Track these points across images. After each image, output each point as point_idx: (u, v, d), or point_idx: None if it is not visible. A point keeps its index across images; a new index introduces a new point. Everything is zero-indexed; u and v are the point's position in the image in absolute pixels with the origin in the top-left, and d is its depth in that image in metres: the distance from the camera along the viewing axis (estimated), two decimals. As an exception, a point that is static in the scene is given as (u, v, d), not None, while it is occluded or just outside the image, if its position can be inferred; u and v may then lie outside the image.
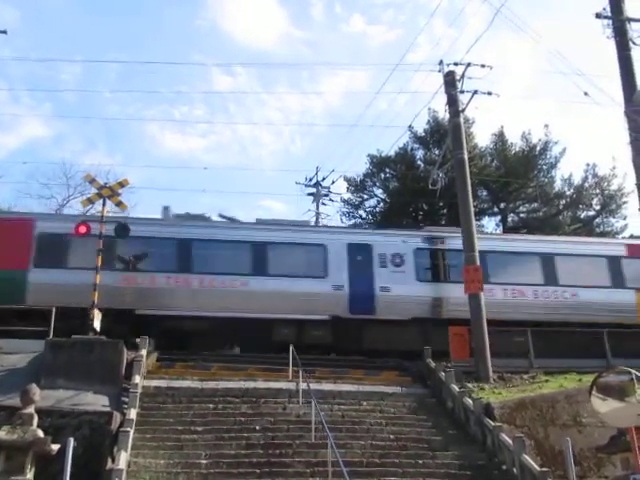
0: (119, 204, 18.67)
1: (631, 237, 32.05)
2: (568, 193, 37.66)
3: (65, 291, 18.76)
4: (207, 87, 73.49)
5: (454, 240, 21.37)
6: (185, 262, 20.64)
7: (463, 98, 20.77)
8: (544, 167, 37.71)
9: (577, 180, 37.44)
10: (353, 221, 39.04)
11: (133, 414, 13.53)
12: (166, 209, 23.63)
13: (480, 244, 19.93)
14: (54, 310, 17.32)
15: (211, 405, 15.33)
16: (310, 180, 39.62)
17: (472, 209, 20.22)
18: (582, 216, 38.24)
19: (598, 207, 37.71)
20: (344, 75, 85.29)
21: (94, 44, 68.60)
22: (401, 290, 20.78)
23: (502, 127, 38.11)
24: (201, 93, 71.41)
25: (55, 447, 10.59)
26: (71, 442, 10.33)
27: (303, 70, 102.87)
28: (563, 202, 37.81)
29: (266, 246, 21.18)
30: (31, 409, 10.88)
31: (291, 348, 17.08)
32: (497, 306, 20.28)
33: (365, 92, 76.62)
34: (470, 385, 17.08)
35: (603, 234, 35.56)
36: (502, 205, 37.90)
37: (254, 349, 19.31)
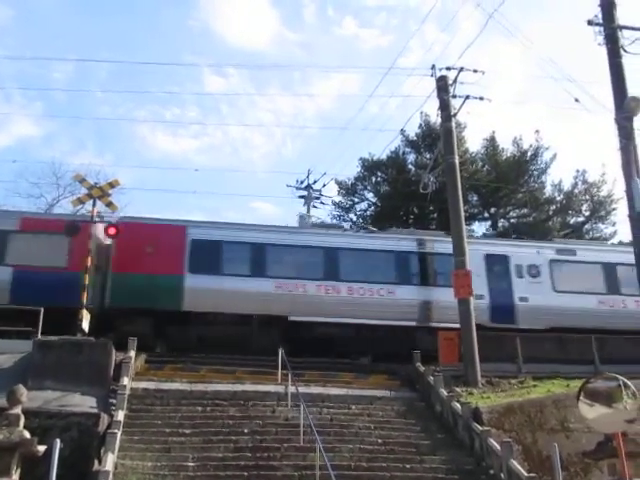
0: (109, 205, 18.67)
1: (620, 244, 32.18)
2: (558, 199, 37.86)
3: (219, 296, 19.78)
4: (199, 88, 73.47)
5: (585, 252, 22.61)
6: (334, 270, 21.24)
7: (455, 103, 20.88)
8: (535, 172, 37.90)
9: (567, 186, 37.72)
10: (344, 224, 39.05)
11: (121, 416, 13.48)
12: (303, 218, 23.96)
13: (610, 256, 21.85)
14: (42, 310, 17.21)
15: (199, 408, 15.29)
16: (301, 183, 39.58)
17: (462, 214, 20.28)
18: (572, 222, 38.46)
19: (588, 213, 37.95)
20: (336, 78, 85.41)
21: (86, 44, 68.48)
22: (539, 300, 21.20)
23: (493, 132, 38.39)
24: (193, 94, 71.43)
25: (42, 448, 10.51)
26: (57, 443, 10.27)
27: (295, 72, 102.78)
28: (553, 208, 38.00)
29: (409, 255, 21.91)
30: (18, 410, 10.79)
31: (280, 351, 17.06)
32: (630, 317, 21.40)
33: (357, 95, 76.79)
34: (459, 389, 17.11)
35: (592, 240, 35.72)
36: (492, 210, 38.05)
37: (395, 357, 19.77)
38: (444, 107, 20.86)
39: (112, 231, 18.42)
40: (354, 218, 39.54)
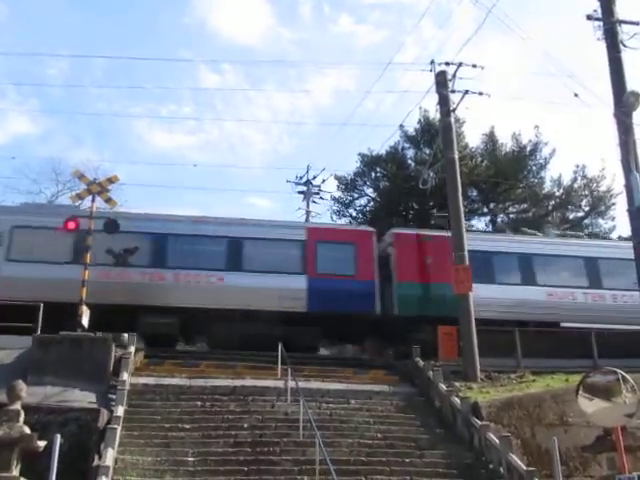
0: (108, 200, 18.61)
1: (619, 239, 32.16)
2: (557, 194, 37.78)
3: None
4: (194, 85, 73.18)
5: None
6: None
7: (454, 98, 20.86)
8: (534, 168, 37.81)
9: (566, 181, 37.61)
10: (343, 220, 39.06)
11: (120, 411, 13.48)
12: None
13: None
14: (42, 306, 17.23)
15: (199, 403, 15.30)
16: (301, 178, 39.62)
17: (462, 209, 20.28)
18: (571, 217, 38.42)
19: (587, 208, 37.90)
20: (333, 74, 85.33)
21: (81, 42, 68.05)
22: None
23: (492, 127, 38.23)
24: (189, 90, 71.18)
25: (42, 444, 10.53)
26: (57, 439, 10.27)
27: (291, 69, 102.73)
28: (552, 203, 37.93)
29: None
30: (17, 405, 10.81)
31: (280, 346, 17.08)
32: None
33: (354, 92, 76.59)
34: (458, 384, 17.13)
35: (592, 235, 35.72)
36: (492, 205, 38.00)
37: None
38: (443, 102, 20.85)
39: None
40: (354, 213, 39.57)
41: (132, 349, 16.69)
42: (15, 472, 10.29)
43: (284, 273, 20.78)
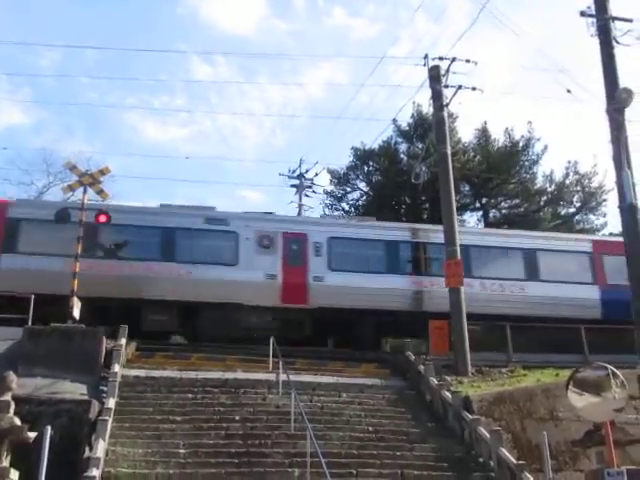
0: (100, 192, 18.52)
1: (610, 235, 32.28)
2: (549, 190, 37.87)
3: None
4: (187, 76, 72.96)
5: None
6: None
7: (447, 93, 20.87)
8: (526, 163, 37.86)
9: (558, 177, 37.69)
10: (335, 214, 39.07)
11: (112, 403, 13.46)
12: None
13: None
14: (32, 297, 17.19)
15: (190, 395, 15.29)
16: (293, 172, 39.64)
17: (454, 204, 20.34)
18: (562, 213, 38.55)
19: (578, 204, 38.01)
20: (326, 67, 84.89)
21: (74, 33, 67.61)
22: None
23: (485, 123, 38.22)
24: (182, 82, 70.97)
25: (32, 435, 10.52)
26: (48, 430, 10.24)
27: (285, 61, 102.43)
28: (544, 198, 38.02)
29: None
30: (8, 397, 10.79)
31: (271, 339, 17.09)
32: None
33: (348, 85, 76.55)
34: (449, 378, 17.19)
35: (583, 231, 35.82)
36: (484, 200, 38.07)
37: None
38: (436, 97, 20.86)
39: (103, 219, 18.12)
40: (346, 207, 39.63)
41: (123, 341, 16.65)
42: (5, 463, 10.27)
43: (577, 283, 22.03)
